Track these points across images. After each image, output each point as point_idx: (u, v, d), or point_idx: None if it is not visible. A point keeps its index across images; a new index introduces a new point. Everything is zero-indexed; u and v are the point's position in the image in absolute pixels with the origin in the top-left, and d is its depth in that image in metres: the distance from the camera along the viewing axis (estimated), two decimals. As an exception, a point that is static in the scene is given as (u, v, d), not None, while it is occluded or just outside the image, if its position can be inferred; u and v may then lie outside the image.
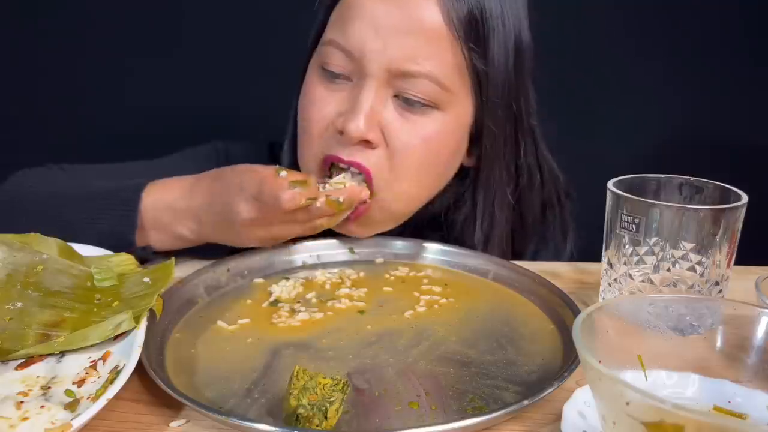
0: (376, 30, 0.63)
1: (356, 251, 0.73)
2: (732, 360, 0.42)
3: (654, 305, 0.42)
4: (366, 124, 0.64)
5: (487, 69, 0.67)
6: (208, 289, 0.63)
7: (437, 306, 0.62)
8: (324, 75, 0.68)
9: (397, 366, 0.51)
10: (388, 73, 0.64)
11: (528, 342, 0.56)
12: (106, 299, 0.56)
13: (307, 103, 0.69)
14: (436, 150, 0.68)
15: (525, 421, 0.45)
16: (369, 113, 0.64)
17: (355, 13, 0.65)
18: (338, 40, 0.66)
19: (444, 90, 0.66)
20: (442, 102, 0.66)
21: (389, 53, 0.64)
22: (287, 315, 0.60)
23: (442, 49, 0.64)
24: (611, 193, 0.57)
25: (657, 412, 0.31)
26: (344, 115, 0.65)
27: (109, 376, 0.46)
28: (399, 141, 0.66)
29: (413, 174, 0.68)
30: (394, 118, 0.66)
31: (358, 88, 0.65)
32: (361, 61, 0.65)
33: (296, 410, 0.42)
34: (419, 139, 0.67)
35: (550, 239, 0.82)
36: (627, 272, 0.57)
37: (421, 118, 0.66)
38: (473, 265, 0.69)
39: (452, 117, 0.68)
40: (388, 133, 0.66)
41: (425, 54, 0.64)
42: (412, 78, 0.64)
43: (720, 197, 0.57)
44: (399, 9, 0.63)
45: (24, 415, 0.42)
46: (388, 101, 0.66)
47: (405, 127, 0.66)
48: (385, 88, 0.65)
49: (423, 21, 0.63)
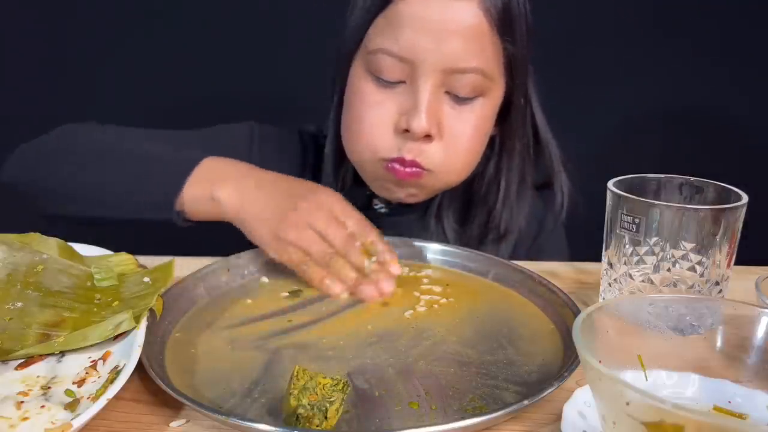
0: (426, 34, 0.69)
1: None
2: (732, 360, 0.42)
3: (654, 305, 0.42)
4: (428, 120, 0.70)
5: (516, 54, 0.74)
6: (208, 289, 0.63)
7: (437, 306, 0.62)
8: (378, 81, 0.73)
9: (397, 366, 0.51)
10: (441, 72, 0.70)
11: (528, 342, 0.56)
12: (106, 299, 0.56)
13: (363, 107, 0.74)
14: (481, 130, 0.76)
15: (525, 421, 0.46)
16: (428, 110, 0.70)
17: (403, 21, 0.70)
18: (389, 47, 0.70)
19: (488, 80, 0.72)
20: (485, 90, 0.73)
21: (440, 54, 0.69)
22: (287, 315, 0.60)
23: (484, 43, 0.71)
24: (611, 193, 0.57)
25: (657, 412, 0.31)
26: (407, 114, 0.71)
27: (109, 376, 0.46)
28: (453, 131, 0.73)
29: (464, 154, 0.75)
30: (447, 112, 0.72)
31: (414, 88, 0.71)
32: (415, 63, 0.70)
33: (296, 410, 0.42)
34: (470, 126, 0.74)
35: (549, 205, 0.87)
36: (627, 272, 0.57)
37: (470, 107, 0.73)
38: (473, 265, 0.69)
39: (493, 100, 0.75)
40: (444, 125, 0.72)
41: (472, 51, 0.70)
42: (462, 74, 0.70)
43: (720, 197, 0.57)
44: (444, 13, 0.69)
45: (24, 415, 0.42)
46: (442, 97, 0.72)
47: (457, 118, 0.73)
48: (438, 86, 0.71)
49: (467, 21, 0.69)
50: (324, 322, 0.59)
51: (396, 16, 0.70)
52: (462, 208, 0.84)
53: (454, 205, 0.83)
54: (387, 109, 0.72)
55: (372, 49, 0.72)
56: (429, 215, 0.83)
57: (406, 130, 0.70)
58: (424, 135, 0.70)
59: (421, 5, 0.69)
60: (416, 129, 0.69)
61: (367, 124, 0.74)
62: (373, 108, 0.73)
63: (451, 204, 0.83)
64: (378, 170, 0.75)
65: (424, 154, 0.72)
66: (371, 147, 0.74)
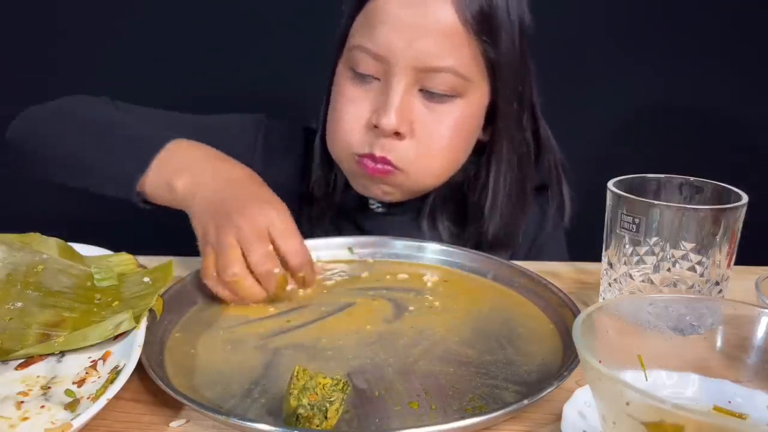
0: (400, 32, 0.69)
1: (355, 251, 0.73)
2: (732, 360, 0.42)
3: (654, 305, 0.42)
4: (397, 118, 0.70)
5: (499, 57, 0.73)
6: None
7: (437, 306, 0.62)
8: (355, 77, 0.74)
9: (397, 366, 0.51)
10: (414, 70, 0.70)
11: (527, 342, 0.56)
12: (106, 299, 0.56)
13: (341, 103, 0.75)
14: (458, 132, 0.75)
15: (525, 421, 0.46)
16: (399, 108, 0.70)
17: (379, 19, 0.71)
18: (366, 44, 0.72)
19: (464, 80, 0.72)
20: (462, 90, 0.72)
21: (413, 52, 0.69)
22: (287, 315, 0.60)
23: (459, 44, 0.70)
24: (611, 193, 0.57)
25: (657, 412, 0.31)
26: (378, 110, 0.71)
27: (109, 376, 0.46)
28: (426, 130, 0.73)
29: (439, 156, 0.75)
30: (421, 110, 0.72)
31: (387, 86, 0.71)
32: (389, 61, 0.70)
33: (296, 410, 0.42)
34: (444, 126, 0.73)
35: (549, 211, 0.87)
36: (627, 272, 0.57)
37: (445, 107, 0.73)
38: (472, 265, 0.69)
39: (472, 102, 0.74)
40: (417, 124, 0.72)
41: (445, 50, 0.70)
42: (435, 73, 0.70)
43: (720, 197, 0.57)
44: (418, 12, 0.69)
45: (24, 415, 0.42)
46: (415, 94, 0.72)
47: (431, 117, 0.73)
48: (411, 84, 0.71)
49: (440, 21, 0.69)
50: (323, 322, 0.59)
51: (372, 13, 0.72)
52: (457, 211, 0.83)
53: (448, 207, 0.83)
54: (361, 105, 0.73)
55: (350, 46, 0.74)
56: (422, 216, 0.83)
57: (377, 126, 0.71)
58: (394, 132, 0.71)
59: (396, 3, 0.70)
60: (385, 125, 0.70)
61: (342, 120, 0.75)
62: (349, 104, 0.74)
63: (444, 206, 0.83)
64: (352, 165, 0.76)
65: (395, 152, 0.72)
66: (345, 142, 0.75)
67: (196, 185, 0.64)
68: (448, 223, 0.83)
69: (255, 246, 0.59)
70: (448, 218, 0.83)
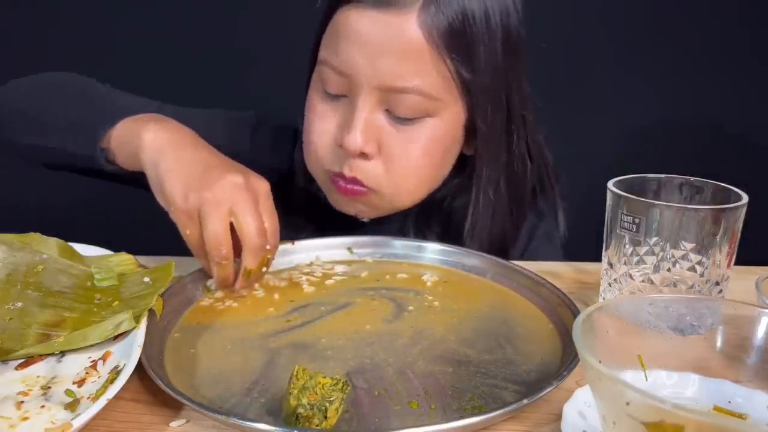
0: (363, 49, 0.66)
1: (355, 251, 0.73)
2: (732, 360, 0.42)
3: (654, 305, 0.42)
4: (362, 139, 0.67)
5: (473, 76, 0.68)
6: (208, 289, 0.63)
7: (436, 306, 0.62)
8: (323, 93, 0.71)
9: (397, 365, 0.51)
10: (378, 90, 0.67)
11: (527, 342, 0.56)
12: (106, 299, 0.56)
13: (311, 117, 0.73)
14: (430, 152, 0.71)
15: (524, 420, 0.46)
16: (364, 128, 0.68)
17: (342, 34, 0.67)
18: (330, 60, 0.69)
19: (432, 100, 0.68)
20: (432, 111, 0.69)
21: (377, 71, 0.66)
22: (286, 315, 0.60)
23: (425, 63, 0.66)
24: (611, 193, 0.57)
25: (657, 412, 0.31)
26: (342, 130, 0.69)
27: (109, 376, 0.46)
28: (394, 151, 0.70)
29: (410, 176, 0.72)
30: (388, 130, 0.69)
31: (352, 105, 0.68)
32: (352, 79, 0.67)
33: (296, 410, 0.42)
34: (414, 146, 0.70)
35: (542, 219, 0.85)
36: (627, 272, 0.57)
37: (414, 127, 0.69)
38: (472, 265, 0.69)
39: (444, 120, 0.70)
40: (384, 144, 0.69)
41: (411, 70, 0.66)
42: (401, 94, 0.67)
43: (720, 197, 0.57)
44: (382, 29, 0.65)
45: (24, 415, 0.42)
46: (381, 114, 0.69)
47: (399, 137, 0.69)
48: (377, 103, 0.68)
49: (405, 39, 0.65)
50: (323, 321, 0.59)
51: (337, 27, 0.68)
52: (442, 226, 0.80)
53: (433, 220, 0.80)
54: (330, 122, 0.71)
55: (319, 60, 0.71)
56: (408, 228, 0.80)
57: (341, 146, 0.69)
58: (359, 152, 0.68)
59: (357, 18, 0.66)
60: (349, 146, 0.67)
61: (313, 135, 0.72)
62: (318, 119, 0.72)
63: (429, 219, 0.80)
64: (326, 182, 0.74)
65: (365, 173, 0.70)
66: (317, 158, 0.73)
67: (167, 140, 0.61)
68: (435, 232, 0.80)
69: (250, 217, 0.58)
70: (435, 229, 0.80)
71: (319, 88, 0.72)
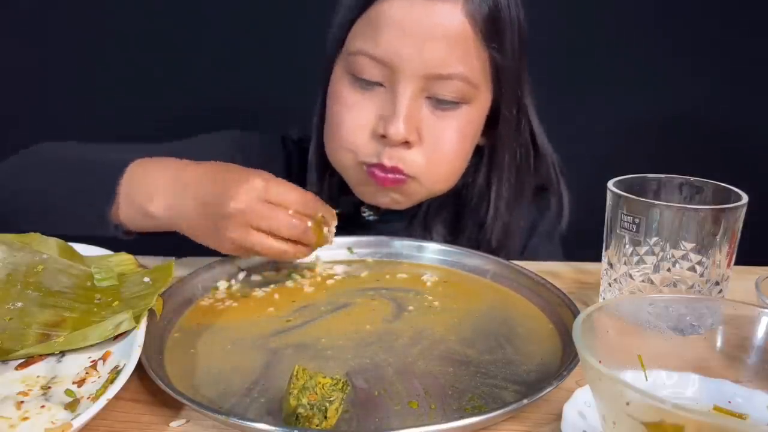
0: (408, 38, 0.67)
1: (355, 251, 0.73)
2: (732, 360, 0.42)
3: (654, 305, 0.42)
4: (406, 127, 0.68)
5: (504, 62, 0.72)
6: (208, 289, 0.63)
7: (436, 306, 0.62)
8: (356, 82, 0.71)
9: (397, 365, 0.51)
10: (422, 78, 0.68)
11: (527, 342, 0.56)
12: (106, 299, 0.56)
13: (340, 109, 0.73)
14: (465, 138, 0.74)
15: (524, 420, 0.46)
16: (407, 116, 0.68)
17: (384, 23, 0.68)
18: (369, 49, 0.69)
19: (472, 87, 0.70)
20: (469, 97, 0.71)
21: (422, 59, 0.67)
22: (287, 315, 0.60)
23: (468, 50, 0.69)
24: (611, 193, 0.57)
25: (657, 412, 0.31)
26: (385, 119, 0.69)
27: (109, 376, 0.46)
28: (434, 138, 0.71)
29: (447, 162, 0.74)
30: (428, 118, 0.71)
31: (393, 93, 0.69)
32: (395, 68, 0.68)
33: (296, 410, 0.42)
34: (451, 132, 0.72)
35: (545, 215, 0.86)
36: (627, 272, 0.57)
37: (452, 114, 0.71)
38: (472, 265, 0.69)
39: (477, 108, 0.73)
40: (424, 131, 0.71)
41: (455, 57, 0.68)
42: (444, 80, 0.69)
43: (720, 197, 0.57)
44: (427, 17, 0.67)
45: (24, 415, 0.42)
46: (422, 103, 0.70)
47: (439, 124, 0.71)
48: (419, 91, 0.69)
49: (450, 26, 0.67)
50: (323, 321, 0.59)
51: (377, 17, 0.68)
52: (452, 218, 0.82)
53: (442, 214, 0.81)
54: (365, 111, 0.71)
55: (352, 51, 0.71)
56: (416, 224, 0.81)
57: (384, 136, 0.69)
58: (403, 141, 0.69)
59: (403, 8, 0.67)
60: (394, 135, 0.68)
61: (345, 127, 0.72)
62: (350, 110, 0.71)
63: (438, 213, 0.81)
64: (360, 175, 0.73)
65: (405, 161, 0.70)
66: (351, 150, 0.72)
67: (170, 206, 0.62)
68: (443, 230, 0.81)
69: (273, 219, 0.59)
70: (442, 225, 0.81)
71: (348, 79, 0.72)
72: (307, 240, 0.61)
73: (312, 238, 0.61)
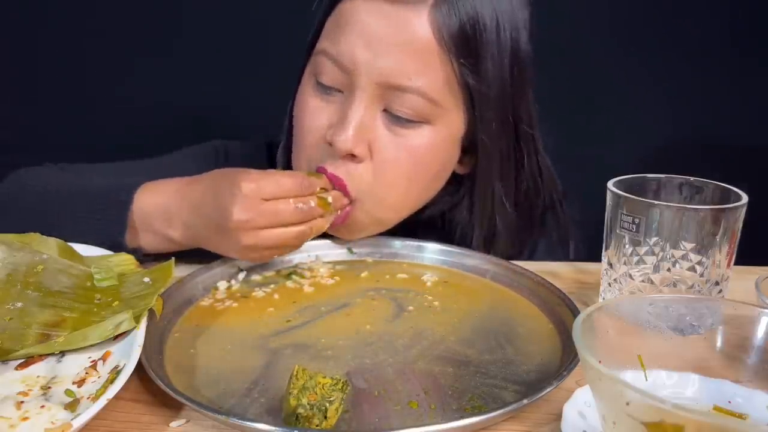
0: (367, 42, 0.63)
1: (355, 251, 0.73)
2: (732, 360, 0.42)
3: (654, 305, 0.42)
4: (354, 139, 0.64)
5: (479, 84, 0.66)
6: (208, 289, 0.63)
7: (436, 306, 0.62)
8: (318, 87, 0.68)
9: (396, 365, 0.51)
10: (378, 87, 0.64)
11: (527, 342, 0.56)
12: (106, 299, 0.56)
13: (300, 112, 0.70)
14: (423, 163, 0.68)
15: (524, 420, 0.46)
16: (357, 127, 0.64)
17: (346, 25, 0.64)
18: (330, 50, 0.65)
19: (434, 105, 0.65)
20: (431, 116, 0.66)
21: (379, 67, 0.63)
22: (287, 314, 0.60)
23: (432, 63, 0.64)
24: (611, 193, 0.57)
25: (657, 412, 0.31)
26: (333, 127, 0.65)
27: (109, 376, 0.46)
28: (385, 155, 0.66)
29: (399, 185, 0.68)
30: (382, 132, 0.66)
31: (348, 101, 0.65)
32: (352, 73, 0.64)
33: (296, 410, 0.42)
34: (407, 153, 0.66)
35: (550, 243, 0.82)
36: (627, 272, 0.57)
37: (410, 132, 0.66)
38: (472, 265, 0.69)
39: (442, 130, 0.67)
40: (376, 147, 0.66)
41: (415, 69, 0.63)
42: (402, 93, 0.64)
43: (720, 197, 0.57)
44: (390, 22, 0.63)
45: (24, 415, 0.42)
46: (377, 115, 0.65)
47: (393, 141, 0.66)
48: (374, 102, 0.65)
49: (413, 35, 0.62)
50: (323, 321, 0.59)
51: (340, 17, 0.65)
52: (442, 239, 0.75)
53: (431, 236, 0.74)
54: (321, 117, 0.67)
55: (317, 51, 0.68)
56: None
57: (331, 144, 0.65)
58: (349, 152, 0.64)
59: (366, 10, 0.63)
60: (339, 144, 0.64)
61: (303, 131, 0.69)
62: (310, 114, 0.68)
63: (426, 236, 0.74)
64: None
65: (351, 176, 0.66)
66: (305, 155, 0.69)
67: (189, 228, 0.63)
68: None
69: (278, 214, 0.60)
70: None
71: (312, 81, 0.68)
72: (317, 215, 0.62)
73: (320, 210, 0.62)
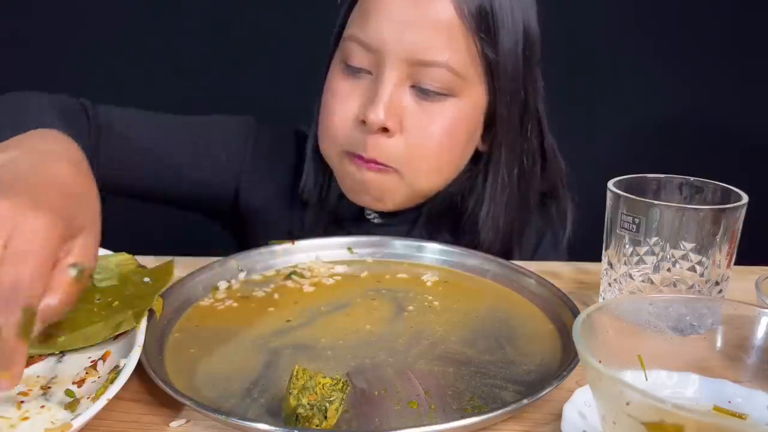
0: (394, 23, 0.68)
1: (355, 251, 0.73)
2: (732, 360, 0.42)
3: (654, 305, 0.42)
4: (386, 113, 0.68)
5: (497, 57, 0.71)
6: (208, 289, 0.63)
7: (436, 306, 0.62)
8: (346, 70, 0.72)
9: (397, 365, 0.51)
10: (406, 64, 0.69)
11: (527, 342, 0.56)
12: (106, 299, 0.56)
13: (330, 97, 0.74)
14: (452, 134, 0.73)
15: (524, 420, 0.46)
16: (388, 102, 0.69)
17: (373, 9, 0.70)
18: (358, 35, 0.70)
19: (458, 78, 0.70)
20: (457, 89, 0.70)
21: (406, 44, 0.68)
22: (287, 314, 0.60)
23: (455, 39, 0.69)
24: (611, 193, 0.57)
25: (657, 412, 0.31)
26: (364, 106, 0.70)
27: (109, 376, 0.46)
28: (416, 128, 0.71)
29: (431, 156, 0.73)
30: (412, 107, 0.70)
31: (377, 79, 0.70)
32: (380, 53, 0.69)
33: (296, 410, 0.42)
34: (436, 125, 0.71)
35: (550, 224, 0.85)
36: (627, 272, 0.57)
37: (438, 105, 0.71)
38: (472, 265, 0.69)
39: (467, 103, 0.72)
40: (407, 120, 0.70)
41: (440, 44, 0.68)
42: (428, 67, 0.69)
43: (720, 197, 0.57)
44: (414, 3, 0.68)
45: (24, 415, 0.42)
46: (406, 91, 0.70)
47: (422, 115, 0.71)
48: (403, 78, 0.69)
49: (437, 14, 0.68)
50: (323, 321, 0.59)
51: (367, 4, 0.70)
52: (454, 224, 0.81)
53: (444, 219, 0.80)
54: (352, 99, 0.72)
55: (344, 37, 0.72)
56: (418, 227, 0.81)
57: (364, 121, 0.69)
58: (382, 128, 0.69)
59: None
60: (372, 120, 0.68)
61: (332, 115, 0.73)
62: (339, 98, 0.73)
63: (441, 218, 0.80)
64: (343, 166, 0.74)
65: (385, 150, 0.71)
66: (335, 139, 0.73)
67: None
68: (445, 236, 0.80)
69: None
70: (445, 229, 0.81)
71: (341, 66, 0.73)
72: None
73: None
